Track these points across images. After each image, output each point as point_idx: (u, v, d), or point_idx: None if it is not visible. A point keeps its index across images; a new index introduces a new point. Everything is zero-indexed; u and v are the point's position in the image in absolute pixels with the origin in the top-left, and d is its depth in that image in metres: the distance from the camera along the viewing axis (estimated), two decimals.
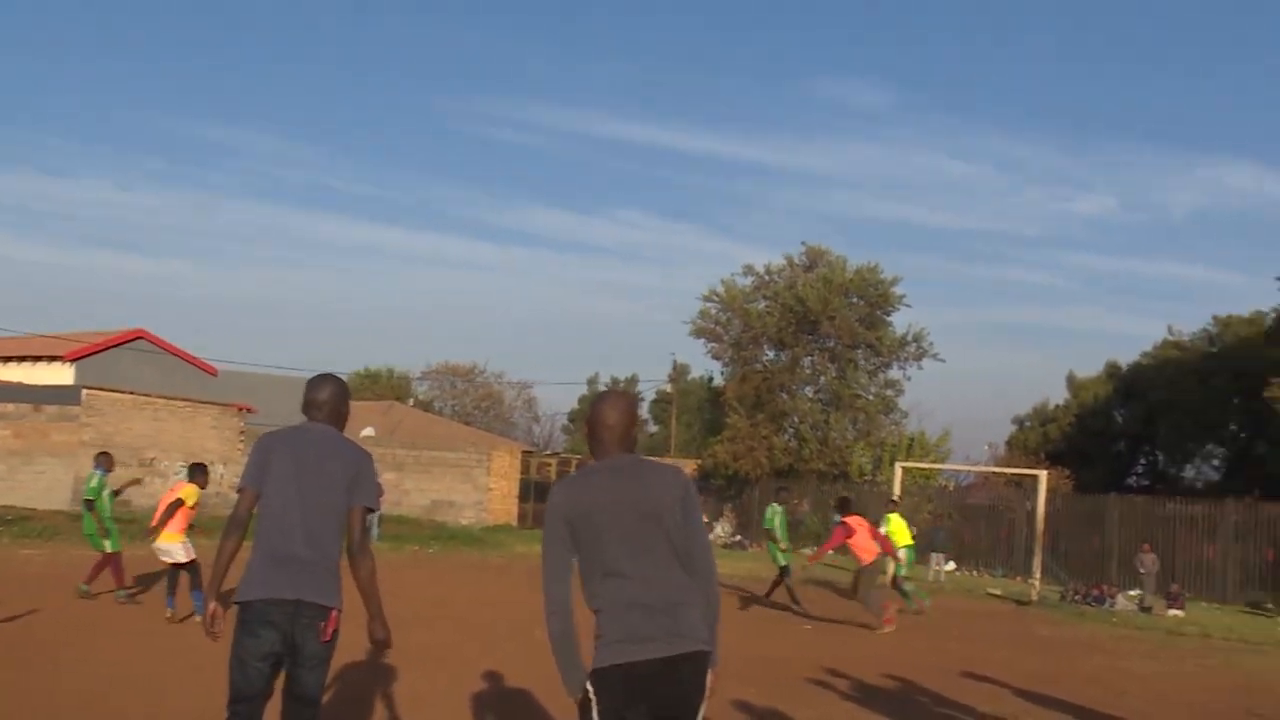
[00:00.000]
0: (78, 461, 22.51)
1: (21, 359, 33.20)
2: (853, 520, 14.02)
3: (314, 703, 4.34)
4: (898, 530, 16.45)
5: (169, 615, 10.89)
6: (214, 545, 4.54)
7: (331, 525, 4.39)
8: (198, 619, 10.41)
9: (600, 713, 3.47)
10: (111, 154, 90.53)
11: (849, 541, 13.90)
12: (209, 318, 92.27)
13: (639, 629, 3.49)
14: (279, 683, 4.33)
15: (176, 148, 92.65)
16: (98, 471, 12.71)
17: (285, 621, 4.20)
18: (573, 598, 3.61)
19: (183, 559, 11.04)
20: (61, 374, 31.06)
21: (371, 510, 4.57)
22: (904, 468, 23.57)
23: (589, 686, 3.51)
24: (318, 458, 4.44)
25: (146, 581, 13.00)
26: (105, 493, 12.55)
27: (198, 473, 11.67)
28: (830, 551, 14.64)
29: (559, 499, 3.71)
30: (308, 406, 4.66)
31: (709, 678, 3.59)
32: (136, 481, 15.93)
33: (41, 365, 32.34)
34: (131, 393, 25.37)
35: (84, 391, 24.53)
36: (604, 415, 3.80)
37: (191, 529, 11.37)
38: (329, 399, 4.66)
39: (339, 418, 4.68)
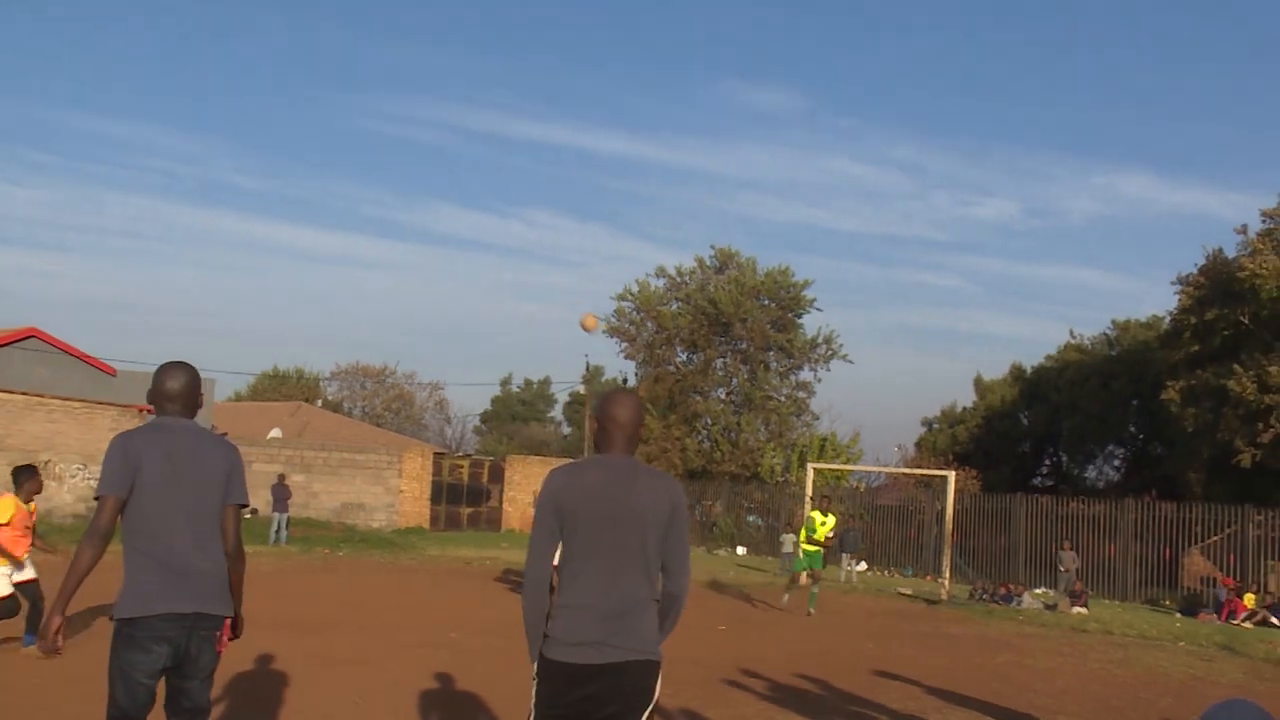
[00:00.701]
0: None
1: None
2: None
3: (207, 712, 4.18)
4: (813, 525, 16.53)
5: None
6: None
7: (215, 528, 4.16)
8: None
9: (538, 700, 3.60)
10: None
11: None
12: (107, 317, 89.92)
13: (586, 632, 3.57)
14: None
15: (66, 142, 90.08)
16: None
17: (181, 635, 3.98)
18: (550, 577, 3.67)
19: (3, 592, 8.94)
20: None
21: (245, 506, 4.34)
22: (815, 469, 23.75)
23: (534, 670, 3.62)
24: (191, 457, 4.13)
25: None
26: None
27: (23, 476, 9.20)
28: None
29: (552, 485, 3.73)
30: (161, 398, 4.26)
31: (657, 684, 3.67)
32: None
33: None
34: (24, 393, 24.47)
35: None
36: (616, 412, 3.83)
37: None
38: (185, 389, 4.27)
39: (194, 410, 4.31)
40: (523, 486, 32.83)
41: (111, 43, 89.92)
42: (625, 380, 46.27)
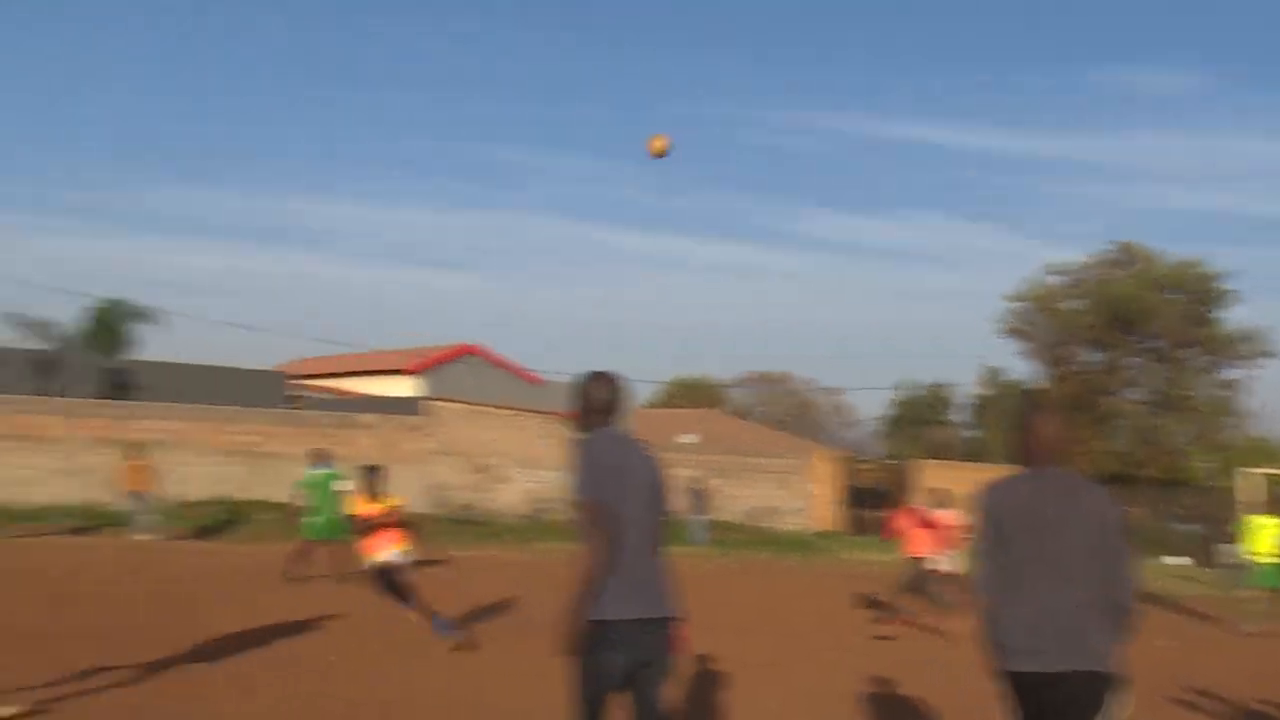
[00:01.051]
0: (426, 468, 24.31)
1: (366, 373, 36.35)
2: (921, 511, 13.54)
3: (664, 713, 4.28)
4: (1258, 535, 14.95)
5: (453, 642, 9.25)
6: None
7: (656, 532, 4.28)
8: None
9: (1011, 710, 3.79)
10: (431, 180, 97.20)
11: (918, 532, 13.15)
12: (533, 331, 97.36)
13: (1027, 642, 3.66)
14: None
15: (487, 172, 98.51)
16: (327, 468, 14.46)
17: (648, 638, 4.13)
18: (994, 586, 3.79)
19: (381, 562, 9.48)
20: (402, 386, 33.63)
21: (669, 514, 4.46)
22: (1258, 474, 21.63)
23: (1004, 683, 3.79)
24: (631, 465, 4.25)
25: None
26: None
27: (369, 477, 9.64)
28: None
29: (988, 501, 3.82)
30: (590, 409, 4.37)
31: (1112, 699, 3.68)
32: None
33: (384, 378, 35.22)
34: (467, 403, 27.11)
35: (425, 402, 26.48)
36: (1041, 427, 3.87)
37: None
38: (613, 399, 4.39)
39: (618, 417, 4.39)
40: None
41: (521, 82, 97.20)
42: (1028, 384, 44.38)
